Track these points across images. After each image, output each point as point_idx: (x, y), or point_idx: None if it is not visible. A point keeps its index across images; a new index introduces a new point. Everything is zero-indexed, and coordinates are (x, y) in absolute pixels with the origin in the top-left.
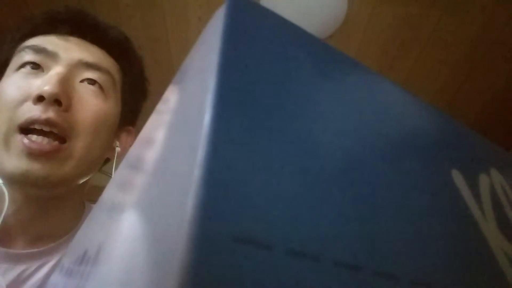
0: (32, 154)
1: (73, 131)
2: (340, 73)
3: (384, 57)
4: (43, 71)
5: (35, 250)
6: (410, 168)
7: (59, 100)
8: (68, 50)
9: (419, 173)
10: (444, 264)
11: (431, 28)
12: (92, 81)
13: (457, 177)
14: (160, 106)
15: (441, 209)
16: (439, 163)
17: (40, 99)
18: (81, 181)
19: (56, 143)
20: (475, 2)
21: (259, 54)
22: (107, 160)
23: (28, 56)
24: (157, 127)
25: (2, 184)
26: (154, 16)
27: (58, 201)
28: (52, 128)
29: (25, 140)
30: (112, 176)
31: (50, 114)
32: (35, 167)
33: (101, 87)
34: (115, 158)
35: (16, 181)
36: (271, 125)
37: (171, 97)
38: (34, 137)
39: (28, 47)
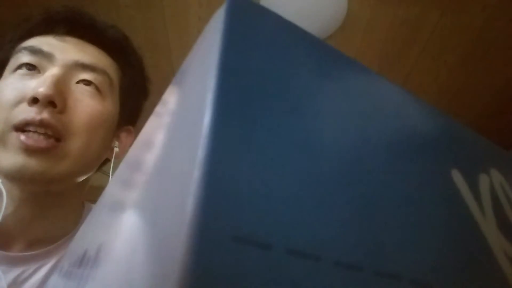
0: (29, 150)
1: (67, 132)
2: (340, 73)
3: (384, 57)
4: (39, 72)
5: (33, 252)
6: (410, 168)
7: (53, 101)
8: (64, 51)
9: (419, 173)
10: (444, 264)
11: (431, 28)
12: (87, 82)
13: (457, 177)
14: (159, 107)
15: (441, 209)
16: (439, 163)
17: (34, 100)
18: (78, 180)
19: (52, 140)
20: (475, 2)
21: (259, 54)
22: (107, 160)
23: (24, 57)
24: (156, 128)
25: (0, 183)
26: (154, 17)
27: (57, 199)
28: (47, 129)
29: (22, 137)
30: (111, 176)
31: (45, 115)
32: (32, 163)
33: (97, 88)
34: (113, 158)
35: (13, 177)
36: (271, 125)
37: (170, 98)
38: (30, 133)
39: (25, 48)
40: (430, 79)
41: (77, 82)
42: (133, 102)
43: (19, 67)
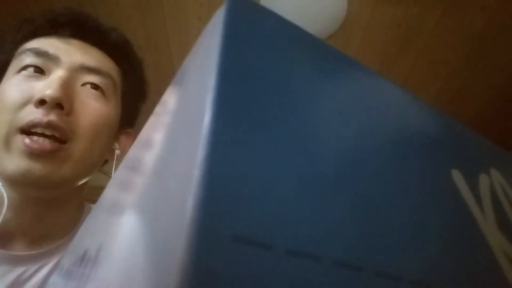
0: (33, 154)
1: (74, 134)
2: (340, 73)
3: (384, 57)
4: (44, 74)
5: (35, 251)
6: (410, 168)
7: (61, 104)
8: (69, 53)
9: (419, 173)
10: (444, 264)
11: (431, 28)
12: (94, 85)
13: (457, 177)
14: (159, 108)
15: (441, 209)
16: (439, 163)
17: (42, 102)
18: (80, 183)
19: (56, 143)
20: (475, 2)
21: (259, 54)
22: (106, 161)
23: (29, 59)
24: (156, 128)
25: (1, 187)
26: (154, 16)
27: (57, 202)
28: (54, 131)
29: (27, 140)
30: (112, 177)
31: (52, 117)
32: (36, 167)
33: (102, 91)
34: (115, 160)
35: (17, 181)
36: (271, 125)
37: (170, 98)
38: (35, 137)
39: (30, 49)
40: (430, 79)
41: (82, 85)
42: (132, 105)
43: (24, 68)
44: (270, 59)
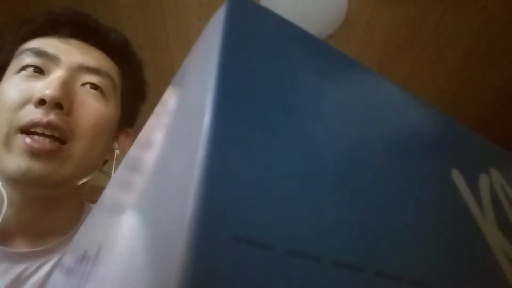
0: (34, 153)
1: (74, 134)
2: (340, 73)
3: (384, 57)
4: (44, 74)
5: (36, 249)
6: (410, 168)
7: (60, 104)
8: (69, 53)
9: (419, 173)
10: (444, 264)
11: (431, 28)
12: (93, 85)
13: (457, 177)
14: (159, 108)
15: (441, 209)
16: (439, 163)
17: (41, 102)
18: (80, 183)
19: (57, 143)
20: (475, 2)
21: (259, 54)
22: (105, 162)
23: (29, 59)
24: (157, 128)
25: (0, 186)
26: (154, 17)
27: (58, 202)
28: (54, 131)
29: (27, 140)
30: (112, 177)
31: (52, 117)
32: (36, 166)
33: (102, 91)
34: (114, 160)
35: (17, 180)
36: (271, 125)
37: (170, 98)
38: (35, 137)
39: (29, 49)
40: (430, 79)
41: (82, 85)
42: (132, 105)
43: (23, 68)
44: (270, 59)
